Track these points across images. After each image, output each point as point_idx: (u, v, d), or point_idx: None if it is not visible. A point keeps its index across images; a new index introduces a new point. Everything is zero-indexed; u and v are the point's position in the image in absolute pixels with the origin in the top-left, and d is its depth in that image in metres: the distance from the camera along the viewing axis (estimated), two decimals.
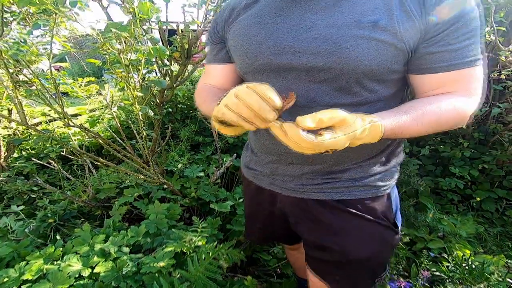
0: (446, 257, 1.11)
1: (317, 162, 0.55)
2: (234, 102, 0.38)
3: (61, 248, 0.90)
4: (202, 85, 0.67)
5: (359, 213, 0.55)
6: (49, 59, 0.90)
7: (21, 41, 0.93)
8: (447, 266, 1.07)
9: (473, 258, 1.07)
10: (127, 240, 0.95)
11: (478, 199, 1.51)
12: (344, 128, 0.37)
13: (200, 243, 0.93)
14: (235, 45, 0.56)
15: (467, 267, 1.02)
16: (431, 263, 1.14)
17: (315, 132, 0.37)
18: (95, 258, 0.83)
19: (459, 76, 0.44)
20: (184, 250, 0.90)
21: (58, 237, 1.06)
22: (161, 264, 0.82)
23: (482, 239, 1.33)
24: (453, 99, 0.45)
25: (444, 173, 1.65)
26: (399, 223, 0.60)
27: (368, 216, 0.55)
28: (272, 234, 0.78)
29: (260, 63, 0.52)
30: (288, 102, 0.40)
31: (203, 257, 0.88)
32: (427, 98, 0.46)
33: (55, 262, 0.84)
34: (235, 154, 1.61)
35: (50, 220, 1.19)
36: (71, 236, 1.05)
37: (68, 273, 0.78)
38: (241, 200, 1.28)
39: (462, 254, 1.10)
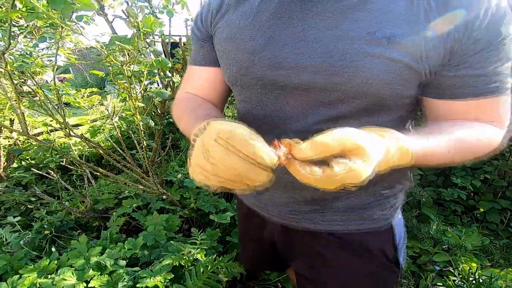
0: (452, 271, 1.08)
1: (304, 187, 0.40)
2: (208, 165, 0.29)
3: (56, 261, 0.87)
4: (181, 95, 0.55)
5: (353, 248, 0.48)
6: (53, 71, 0.92)
7: (26, 54, 0.95)
8: (454, 281, 1.04)
9: (480, 272, 1.04)
10: (124, 253, 0.92)
11: (482, 210, 1.48)
12: (361, 153, 0.27)
13: (198, 256, 0.91)
14: (222, 50, 0.46)
15: (474, 282, 0.99)
16: (437, 277, 1.10)
17: (324, 162, 0.28)
18: (91, 272, 0.81)
19: (488, 103, 0.38)
20: (182, 263, 0.88)
21: (53, 249, 1.03)
22: (158, 278, 0.80)
23: (488, 251, 1.30)
24: (486, 128, 0.38)
25: (446, 183, 1.63)
26: (401, 260, 0.50)
27: (364, 253, 0.47)
28: (263, 260, 0.68)
29: (252, 77, 0.43)
30: (289, 150, 0.29)
31: (201, 271, 0.85)
32: (456, 123, 0.39)
33: (49, 276, 0.81)
34: None
35: (46, 232, 1.17)
36: (67, 248, 1.03)
37: (62, 287, 0.75)
38: None
39: (468, 268, 1.07)
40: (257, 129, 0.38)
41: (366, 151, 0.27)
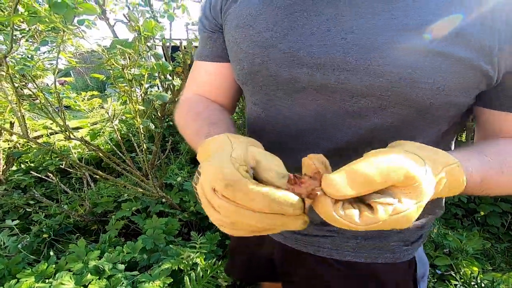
0: (454, 275, 1.07)
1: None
2: (221, 217, 0.22)
3: (54, 265, 0.87)
4: (185, 96, 0.48)
5: (363, 280, 0.40)
6: (54, 74, 0.92)
7: (28, 57, 0.96)
8: (455, 285, 1.03)
9: (482, 276, 1.03)
10: (123, 257, 0.91)
11: (483, 213, 1.48)
12: (415, 190, 0.20)
13: (198, 260, 0.90)
14: (232, 41, 0.37)
15: (476, 286, 0.98)
16: (438, 281, 1.09)
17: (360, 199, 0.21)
18: (89, 276, 0.80)
19: None
20: (182, 268, 0.87)
21: (51, 253, 1.03)
22: (157, 282, 0.79)
23: (489, 255, 1.29)
24: None
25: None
26: None
27: (375, 286, 0.40)
28: (257, 274, 0.60)
29: (265, 75, 0.34)
30: (319, 182, 0.21)
31: (201, 275, 0.84)
32: None
33: (47, 280, 0.80)
34: None
35: (45, 235, 1.16)
36: (65, 252, 1.02)
37: None
38: None
39: (470, 272, 1.06)
40: (269, 141, 0.33)
41: (421, 188, 0.20)
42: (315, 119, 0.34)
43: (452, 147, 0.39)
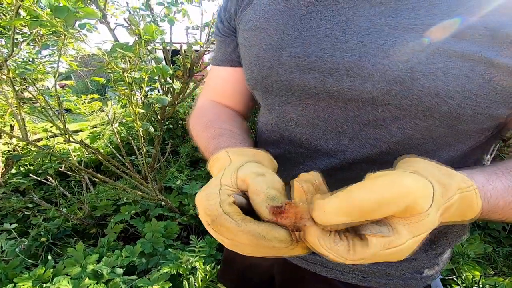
0: (456, 280, 1.06)
1: None
2: (225, 240, 0.21)
3: (51, 269, 0.86)
4: (200, 103, 0.47)
5: None
6: (54, 77, 0.92)
7: (29, 61, 0.97)
8: None
9: (484, 280, 1.02)
10: (121, 261, 0.91)
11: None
12: (414, 220, 0.18)
13: (197, 264, 0.89)
14: (244, 44, 0.36)
15: None
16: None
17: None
18: (87, 280, 0.79)
19: None
20: (181, 272, 0.86)
21: (49, 257, 1.02)
22: (156, 287, 0.78)
23: (491, 259, 1.28)
24: None
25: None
26: None
27: None
28: (248, 286, 0.56)
29: (274, 80, 0.32)
30: (310, 211, 0.19)
31: (200, 280, 0.83)
32: None
33: (44, 285, 0.79)
34: None
35: (43, 239, 1.15)
36: (63, 256, 1.01)
37: None
38: None
39: (472, 277, 1.05)
40: (280, 148, 0.31)
41: (423, 221, 0.18)
42: (329, 128, 0.31)
43: (486, 159, 0.34)
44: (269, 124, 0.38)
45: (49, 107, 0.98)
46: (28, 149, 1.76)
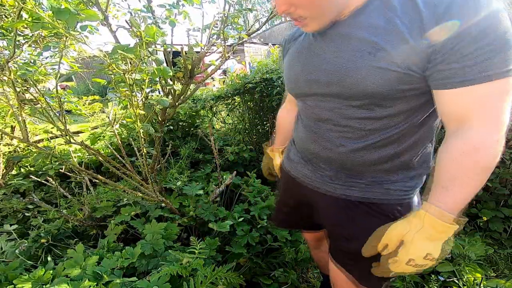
0: (456, 281, 1.06)
1: (339, 167, 0.62)
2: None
3: (51, 271, 0.85)
4: (281, 112, 0.90)
5: (379, 213, 0.59)
6: (56, 79, 0.93)
7: (31, 62, 0.97)
8: None
9: (485, 282, 1.01)
10: (121, 262, 0.90)
11: (485, 218, 1.47)
12: (402, 245, 0.48)
13: (197, 266, 0.89)
14: (284, 72, 0.69)
15: None
16: None
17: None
18: (86, 282, 0.79)
19: (474, 94, 0.41)
20: (181, 273, 0.86)
21: (49, 258, 1.01)
22: None
23: (492, 261, 1.28)
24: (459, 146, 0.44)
25: None
26: None
27: (387, 217, 0.58)
28: (296, 222, 0.88)
29: (298, 92, 0.64)
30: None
31: (200, 281, 0.83)
32: (445, 161, 0.46)
33: (44, 287, 0.79)
34: (235, 172, 1.60)
35: (43, 240, 1.15)
36: (63, 257, 1.01)
37: None
38: (240, 219, 1.25)
39: (473, 279, 1.05)
40: (304, 124, 0.67)
41: (400, 236, 0.49)
42: (330, 107, 0.58)
43: (435, 128, 0.57)
44: (299, 111, 0.72)
45: (50, 109, 0.99)
46: (29, 150, 1.76)
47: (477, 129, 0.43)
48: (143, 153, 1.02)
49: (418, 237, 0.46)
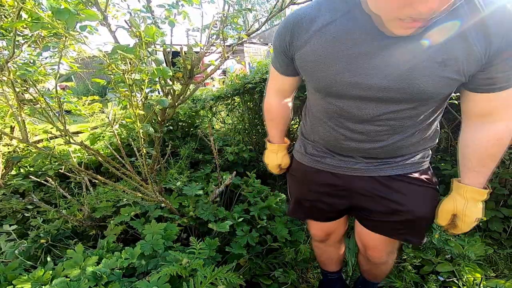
0: (456, 282, 1.06)
1: (373, 155, 0.68)
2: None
3: (50, 271, 0.85)
4: (272, 102, 0.82)
5: (415, 180, 0.70)
6: (55, 79, 0.93)
7: (30, 62, 0.97)
8: None
9: (484, 283, 1.01)
10: (121, 263, 0.90)
11: (484, 218, 1.47)
12: (457, 218, 0.64)
13: (197, 266, 0.89)
14: (307, 68, 0.60)
15: None
16: None
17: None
18: (86, 283, 0.79)
19: (503, 95, 0.52)
20: (180, 274, 0.86)
21: (48, 259, 1.01)
22: None
23: (492, 261, 1.28)
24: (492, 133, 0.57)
25: (446, 191, 1.62)
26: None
27: (422, 182, 0.70)
28: (318, 214, 0.87)
29: (334, 91, 0.58)
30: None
31: (199, 282, 0.83)
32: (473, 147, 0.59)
33: (43, 287, 0.79)
34: (235, 172, 1.60)
35: (42, 241, 1.15)
36: (63, 257, 1.01)
37: None
38: (240, 219, 1.24)
39: (473, 279, 1.05)
40: (329, 117, 0.67)
41: (457, 210, 0.64)
42: (365, 108, 0.59)
43: (437, 123, 0.68)
44: (319, 106, 0.69)
45: (49, 109, 0.99)
46: (28, 151, 1.76)
47: (505, 123, 0.55)
48: (143, 153, 1.02)
49: (468, 211, 0.62)
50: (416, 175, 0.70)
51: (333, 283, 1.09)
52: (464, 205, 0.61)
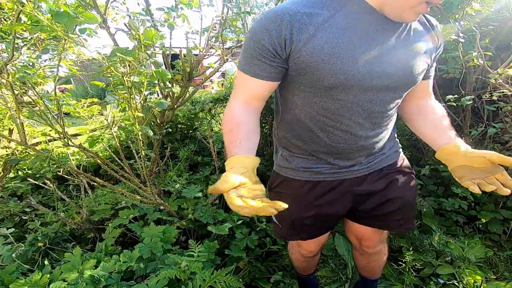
0: (457, 284, 1.05)
1: (366, 152, 0.70)
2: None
3: (48, 275, 0.85)
4: (236, 109, 0.62)
5: (401, 168, 0.77)
6: (54, 81, 0.93)
7: (29, 65, 0.97)
8: None
9: (485, 285, 1.01)
10: (119, 266, 0.90)
11: (484, 220, 1.47)
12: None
13: (196, 269, 0.88)
14: (315, 62, 0.54)
15: None
16: None
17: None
18: (83, 286, 0.78)
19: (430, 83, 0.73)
20: (179, 277, 0.85)
21: (46, 262, 1.00)
22: None
23: (492, 264, 1.27)
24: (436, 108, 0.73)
25: (446, 193, 1.62)
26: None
27: (407, 169, 0.78)
28: (320, 228, 0.83)
29: (348, 83, 0.57)
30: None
31: (198, 285, 0.82)
32: (438, 116, 0.71)
33: None
34: None
35: (40, 244, 1.14)
36: (61, 261, 1.00)
37: None
38: (239, 222, 1.24)
39: (473, 281, 1.04)
40: (333, 105, 0.62)
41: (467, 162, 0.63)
42: (374, 98, 0.61)
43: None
44: (316, 107, 0.66)
45: (48, 111, 0.99)
46: (27, 153, 1.75)
47: (431, 99, 0.74)
48: (142, 156, 1.01)
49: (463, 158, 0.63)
50: (399, 163, 0.78)
51: (310, 282, 1.13)
52: (468, 148, 0.62)
